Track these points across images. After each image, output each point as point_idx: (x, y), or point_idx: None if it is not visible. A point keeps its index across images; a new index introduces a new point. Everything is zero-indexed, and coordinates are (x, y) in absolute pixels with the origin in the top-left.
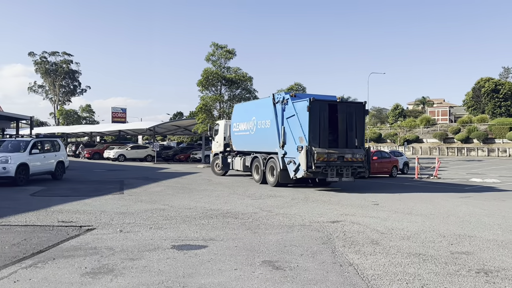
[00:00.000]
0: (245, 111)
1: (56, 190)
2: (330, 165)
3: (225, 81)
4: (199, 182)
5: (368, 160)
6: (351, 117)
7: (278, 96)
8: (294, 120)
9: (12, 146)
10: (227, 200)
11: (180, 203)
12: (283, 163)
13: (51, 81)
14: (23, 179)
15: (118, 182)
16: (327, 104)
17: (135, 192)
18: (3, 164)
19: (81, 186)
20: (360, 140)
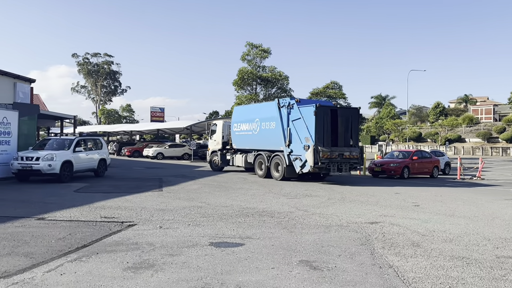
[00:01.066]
0: (247, 113)
1: (98, 187)
2: (332, 161)
3: (260, 80)
4: (234, 180)
5: (362, 156)
6: (347, 121)
7: (284, 101)
8: (300, 123)
9: (57, 144)
10: (263, 198)
11: (217, 201)
12: (289, 159)
13: (93, 81)
14: (67, 176)
15: (157, 180)
16: (329, 109)
17: (173, 190)
18: (49, 162)
19: (122, 183)
20: (355, 140)
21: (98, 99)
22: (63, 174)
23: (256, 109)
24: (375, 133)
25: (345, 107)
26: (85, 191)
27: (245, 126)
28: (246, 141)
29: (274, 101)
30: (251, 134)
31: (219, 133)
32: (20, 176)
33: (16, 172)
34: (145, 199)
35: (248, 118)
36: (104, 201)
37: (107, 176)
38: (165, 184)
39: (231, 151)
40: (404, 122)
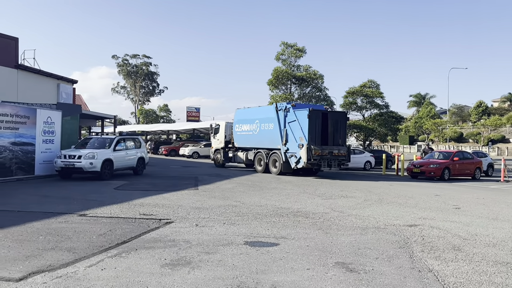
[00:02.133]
0: (248, 115)
1: (137, 185)
2: (323, 158)
3: (295, 80)
4: (268, 180)
5: (349, 154)
6: (336, 123)
7: (281, 105)
8: (295, 124)
9: (98, 143)
10: (297, 198)
11: (251, 200)
12: (285, 157)
13: (132, 82)
14: (108, 174)
15: (192, 178)
16: (320, 112)
17: (209, 189)
18: (90, 160)
19: (160, 181)
20: (343, 140)
21: (136, 99)
22: (104, 172)
23: (256, 112)
24: (414, 133)
25: (334, 111)
26: (125, 189)
27: (246, 126)
28: (247, 140)
29: (272, 105)
30: (252, 134)
31: (221, 133)
32: (63, 174)
33: (59, 169)
34: (181, 197)
35: (249, 119)
36: (142, 199)
37: (145, 174)
38: (200, 183)
39: (232, 149)
40: (445, 122)
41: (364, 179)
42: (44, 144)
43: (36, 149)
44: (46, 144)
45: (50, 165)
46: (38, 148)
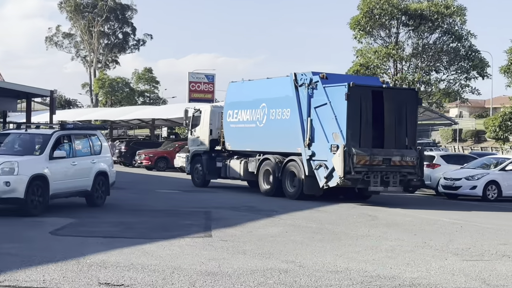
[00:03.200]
0: (249, 94)
1: (93, 225)
2: (374, 170)
3: (406, 18)
4: (352, 219)
5: (421, 164)
6: (400, 108)
7: (303, 77)
8: (326, 111)
9: (20, 144)
10: (412, 258)
11: (317, 260)
12: (309, 167)
13: (85, 25)
14: (39, 204)
15: (201, 214)
16: (370, 90)
17: (233, 235)
18: (6, 177)
19: (137, 220)
20: (412, 138)
21: (94, 58)
22: (32, 200)
23: (262, 88)
24: None
25: (396, 88)
26: (70, 233)
27: (245, 114)
28: (246, 138)
29: (288, 76)
30: (254, 127)
31: (205, 125)
32: None
33: None
34: (179, 251)
35: (250, 101)
36: (104, 253)
37: (109, 204)
38: (216, 224)
39: (223, 154)
40: None
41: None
42: None
43: None
44: None
45: None
46: None
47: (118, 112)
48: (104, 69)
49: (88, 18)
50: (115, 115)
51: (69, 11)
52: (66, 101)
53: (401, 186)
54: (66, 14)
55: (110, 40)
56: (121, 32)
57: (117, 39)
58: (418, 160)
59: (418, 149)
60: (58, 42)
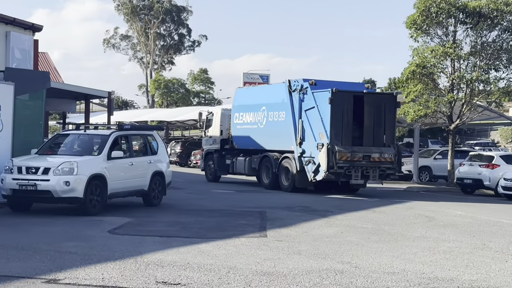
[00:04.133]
0: (252, 98)
1: (150, 225)
2: (354, 165)
3: (464, 16)
4: (409, 220)
5: (399, 160)
6: (379, 111)
7: (295, 83)
8: (314, 113)
9: (80, 144)
10: (471, 260)
11: (374, 261)
12: (300, 163)
13: (142, 27)
14: (97, 204)
15: (256, 214)
16: (352, 95)
17: (288, 235)
18: (66, 177)
19: (193, 220)
20: (390, 137)
21: (150, 59)
22: (90, 199)
23: (262, 93)
24: None
25: (375, 92)
26: (128, 232)
27: (249, 116)
28: (249, 137)
29: (283, 83)
30: (256, 128)
31: (216, 126)
32: (15, 202)
33: (10, 194)
34: (234, 251)
35: (253, 105)
36: (160, 252)
37: (165, 204)
38: (271, 224)
39: (232, 152)
40: None
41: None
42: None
43: None
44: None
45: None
46: None
47: (174, 113)
48: (160, 70)
49: (144, 20)
50: (171, 115)
51: (126, 14)
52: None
53: (381, 180)
54: (123, 17)
55: (166, 41)
56: (176, 34)
57: (173, 40)
58: (396, 156)
59: (396, 147)
60: (116, 44)
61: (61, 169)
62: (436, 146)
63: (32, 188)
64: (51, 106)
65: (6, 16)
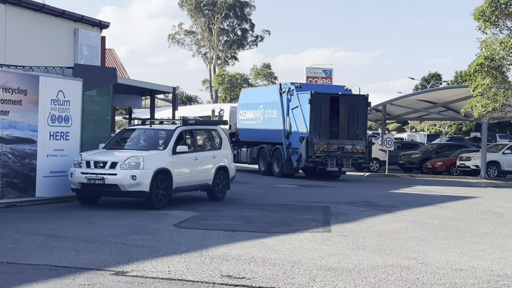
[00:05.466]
0: (253, 98)
1: (215, 219)
2: (330, 155)
3: None
4: (476, 216)
5: (370, 151)
6: (353, 110)
7: (285, 86)
8: (298, 112)
9: (145, 139)
10: None
11: (440, 257)
12: (287, 153)
13: (205, 23)
14: (163, 197)
15: (320, 209)
16: (328, 96)
17: (352, 230)
18: (132, 171)
19: (257, 214)
20: (362, 132)
21: (213, 54)
22: (156, 193)
23: (261, 94)
24: None
25: (349, 94)
26: (193, 226)
27: (250, 113)
28: (251, 131)
29: (275, 85)
30: (255, 123)
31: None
32: (84, 196)
33: (79, 188)
34: (298, 246)
35: (254, 104)
36: (225, 246)
37: (229, 198)
38: (335, 219)
39: (238, 144)
40: None
41: None
42: (53, 142)
43: (38, 150)
44: (56, 141)
45: (62, 180)
46: (43, 148)
47: None
48: (224, 66)
49: (208, 16)
50: None
51: (190, 9)
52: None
53: (353, 167)
54: (187, 12)
55: (229, 37)
56: (239, 29)
57: (236, 35)
58: (366, 148)
59: (367, 140)
60: (180, 40)
61: (127, 163)
62: (504, 140)
63: (100, 182)
64: (118, 101)
65: (74, 14)
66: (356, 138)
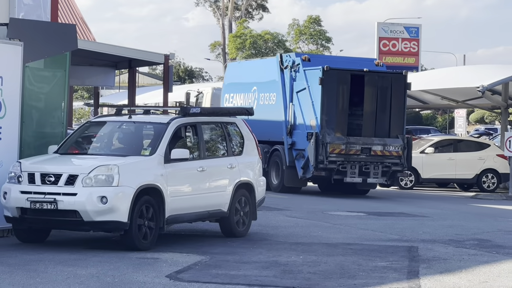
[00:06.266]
0: (243, 76)
1: (233, 267)
2: (351, 160)
3: None
4: None
5: (408, 154)
6: (384, 94)
7: (287, 59)
8: (305, 96)
9: (122, 138)
10: None
11: None
12: (290, 157)
13: None
14: (150, 231)
15: (401, 251)
16: (349, 74)
17: (456, 286)
18: (101, 189)
19: (300, 259)
20: (398, 126)
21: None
22: (140, 225)
23: (254, 69)
24: None
25: (378, 71)
26: (199, 278)
27: (239, 98)
28: None
29: (275, 57)
30: None
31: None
32: (25, 228)
33: (17, 216)
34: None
35: (244, 84)
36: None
37: (256, 234)
38: (426, 268)
39: None
40: None
41: None
42: None
43: None
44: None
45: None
46: None
47: None
48: (245, 20)
49: None
50: None
51: None
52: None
53: (384, 178)
54: None
55: None
56: None
57: None
58: (404, 150)
59: (405, 138)
60: None
61: (94, 177)
62: None
63: (51, 207)
64: (78, 78)
65: None
66: (388, 135)
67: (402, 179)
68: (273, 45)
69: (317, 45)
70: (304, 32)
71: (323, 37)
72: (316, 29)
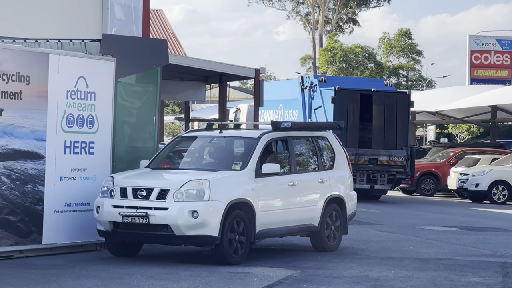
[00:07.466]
0: (272, 95)
1: (324, 282)
2: (360, 169)
3: None
4: None
5: (412, 164)
6: (391, 111)
7: (307, 80)
8: (321, 113)
9: (212, 153)
10: None
11: None
12: None
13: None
14: (241, 246)
15: (494, 267)
16: (358, 94)
17: None
18: (192, 203)
19: (391, 274)
20: (403, 139)
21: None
22: (230, 239)
23: (281, 89)
24: None
25: (384, 91)
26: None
27: (269, 115)
28: None
29: (297, 79)
30: None
31: None
32: (117, 242)
33: (110, 230)
34: None
35: (273, 101)
36: None
37: (346, 248)
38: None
39: None
40: None
41: None
42: (70, 157)
43: (47, 171)
44: (74, 155)
45: (83, 217)
46: (54, 166)
47: None
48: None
49: None
50: None
51: None
52: None
53: (390, 185)
54: None
55: None
56: None
57: None
58: (408, 160)
59: (409, 150)
60: None
61: (185, 192)
62: None
63: (142, 221)
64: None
65: None
66: (395, 147)
67: (495, 193)
68: (363, 58)
69: (408, 58)
70: (394, 45)
71: (414, 50)
72: (407, 42)
